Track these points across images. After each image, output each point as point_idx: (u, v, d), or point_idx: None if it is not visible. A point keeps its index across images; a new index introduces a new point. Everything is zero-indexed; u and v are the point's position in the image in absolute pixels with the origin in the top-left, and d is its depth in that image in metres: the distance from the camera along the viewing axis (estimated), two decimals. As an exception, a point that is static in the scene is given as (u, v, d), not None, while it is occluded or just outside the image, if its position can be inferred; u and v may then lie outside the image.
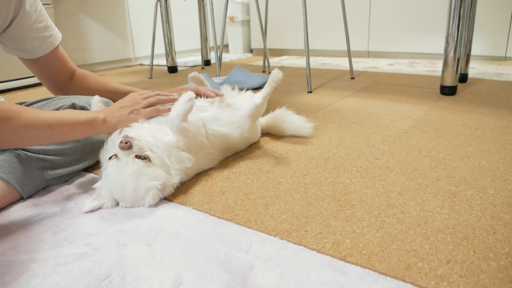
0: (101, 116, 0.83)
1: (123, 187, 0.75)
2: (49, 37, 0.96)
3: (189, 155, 0.84)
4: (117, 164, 0.75)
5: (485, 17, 2.49)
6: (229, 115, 0.99)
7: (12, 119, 0.71)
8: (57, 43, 0.99)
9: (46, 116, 0.76)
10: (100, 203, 0.77)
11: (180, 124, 0.82)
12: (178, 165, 0.81)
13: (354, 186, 0.83)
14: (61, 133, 0.78)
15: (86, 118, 0.81)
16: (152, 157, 0.77)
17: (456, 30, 1.51)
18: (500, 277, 0.53)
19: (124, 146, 0.74)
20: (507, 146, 1.03)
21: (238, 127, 1.00)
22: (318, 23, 3.23)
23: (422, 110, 1.42)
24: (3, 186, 0.79)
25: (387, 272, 0.55)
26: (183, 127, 0.82)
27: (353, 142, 1.10)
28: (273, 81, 1.01)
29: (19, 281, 0.57)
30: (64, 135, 0.80)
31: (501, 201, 0.74)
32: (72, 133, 0.80)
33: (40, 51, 0.96)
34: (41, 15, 0.94)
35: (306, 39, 1.82)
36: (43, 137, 0.77)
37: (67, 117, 0.79)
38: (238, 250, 0.62)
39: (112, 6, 3.01)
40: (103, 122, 0.83)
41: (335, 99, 1.67)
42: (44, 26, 0.95)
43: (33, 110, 0.76)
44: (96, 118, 0.82)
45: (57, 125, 0.77)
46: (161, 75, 2.58)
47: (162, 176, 0.77)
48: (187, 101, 0.82)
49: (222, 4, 3.12)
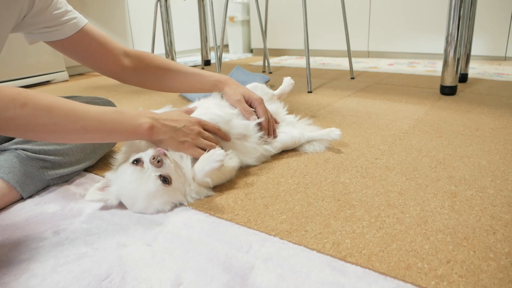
0: (148, 123, 0.76)
1: (135, 200, 0.73)
2: (71, 19, 0.89)
3: (208, 192, 0.81)
4: (138, 174, 0.72)
5: (485, 17, 2.49)
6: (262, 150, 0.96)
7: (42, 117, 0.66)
8: (83, 24, 0.91)
9: (82, 116, 0.69)
10: (104, 198, 0.75)
11: (202, 178, 0.78)
12: (195, 195, 0.79)
13: (354, 186, 0.83)
14: (96, 137, 0.74)
15: (130, 125, 0.75)
16: (174, 181, 0.74)
17: (456, 30, 1.51)
18: (500, 277, 0.53)
19: (155, 163, 0.71)
20: (507, 146, 1.03)
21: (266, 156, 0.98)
22: (318, 23, 3.23)
23: (422, 110, 1.42)
24: (3, 186, 0.79)
25: (387, 272, 0.55)
26: (205, 181, 0.79)
27: (353, 142, 1.10)
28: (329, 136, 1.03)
29: (19, 281, 0.57)
30: (100, 140, 0.76)
31: (501, 201, 0.74)
32: (110, 138, 0.76)
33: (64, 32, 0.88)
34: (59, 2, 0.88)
35: (306, 39, 1.82)
36: (76, 139, 0.74)
37: (107, 120, 0.72)
38: (238, 250, 0.62)
39: (112, 6, 3.01)
40: (150, 131, 0.76)
41: (335, 99, 1.67)
42: (64, 11, 0.88)
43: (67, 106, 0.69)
44: (142, 125, 0.75)
45: (92, 129, 0.71)
46: (161, 75, 2.58)
47: (176, 199, 0.76)
48: (216, 161, 0.76)
49: (222, 4, 3.12)
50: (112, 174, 0.79)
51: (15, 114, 0.63)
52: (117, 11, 3.05)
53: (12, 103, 0.62)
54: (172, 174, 0.74)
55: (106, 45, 0.94)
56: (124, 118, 0.74)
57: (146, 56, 0.99)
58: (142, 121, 0.76)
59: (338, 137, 1.02)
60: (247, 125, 0.94)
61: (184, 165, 0.79)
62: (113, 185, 0.76)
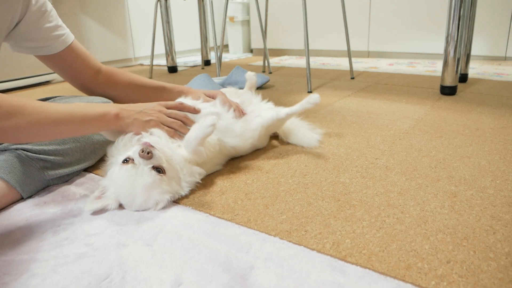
0: (114, 111, 0.80)
1: (133, 196, 0.74)
2: (61, 35, 0.94)
3: (201, 170, 0.83)
4: (132, 171, 0.73)
5: (485, 17, 2.49)
6: (242, 126, 0.97)
7: (14, 116, 0.67)
8: (70, 41, 0.97)
9: (52, 111, 0.72)
10: (104, 204, 0.76)
11: (196, 147, 0.80)
12: (189, 178, 0.81)
13: (354, 186, 0.83)
14: (69, 129, 0.76)
15: (97, 113, 0.78)
16: (167, 170, 0.75)
17: (456, 30, 1.51)
18: (500, 277, 0.53)
19: (145, 156, 0.72)
20: (507, 146, 1.03)
21: (250, 137, 0.99)
22: (318, 23, 3.23)
23: (422, 110, 1.42)
24: (3, 186, 0.79)
25: (387, 272, 0.55)
26: (199, 150, 0.81)
27: (353, 142, 1.10)
28: (309, 103, 1.00)
29: (19, 281, 0.57)
30: (72, 132, 0.78)
31: (501, 201, 0.74)
32: (81, 129, 0.78)
33: (53, 48, 0.94)
34: (51, 15, 0.93)
35: (306, 39, 1.82)
36: (50, 134, 0.75)
37: (76, 112, 0.75)
38: (238, 250, 0.62)
39: (112, 6, 3.01)
40: (116, 117, 0.80)
41: (335, 99, 1.67)
42: (55, 26, 0.93)
43: (39, 105, 0.72)
44: (108, 113, 0.79)
45: (64, 121, 0.74)
46: (161, 75, 2.58)
47: (173, 189, 0.77)
48: (208, 126, 0.78)
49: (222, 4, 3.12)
50: (105, 180, 0.79)
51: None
52: (117, 11, 3.05)
53: None
54: (164, 163, 0.75)
55: (86, 62, 1.01)
56: (92, 108, 0.78)
57: (116, 73, 1.06)
58: (108, 109, 0.80)
59: (318, 99, 1.01)
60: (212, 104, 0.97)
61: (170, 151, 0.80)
62: (110, 189, 0.76)
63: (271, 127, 1.04)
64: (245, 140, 0.98)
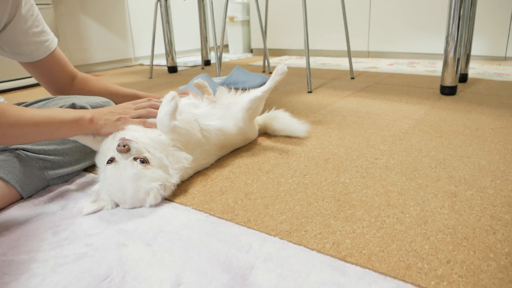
0: (88, 116, 0.83)
1: (123, 190, 0.75)
2: (45, 41, 0.96)
3: (187, 155, 0.84)
4: (116, 167, 0.74)
5: (485, 17, 2.49)
6: (223, 110, 1.00)
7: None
8: (54, 47, 0.99)
9: (32, 115, 0.75)
10: (100, 206, 0.77)
11: (169, 123, 0.81)
12: (176, 164, 0.81)
13: (354, 186, 0.83)
14: (47, 132, 0.78)
15: (73, 117, 0.81)
16: (150, 159, 0.77)
17: (456, 30, 1.51)
18: (500, 277, 0.53)
19: (122, 149, 0.74)
20: (507, 146, 1.03)
21: (233, 118, 1.01)
22: (318, 23, 3.23)
23: (422, 110, 1.42)
24: (3, 186, 0.79)
25: (387, 272, 0.55)
26: (173, 125, 0.82)
27: (353, 142, 1.10)
28: (277, 74, 1.02)
29: (19, 281, 0.57)
30: (50, 134, 0.79)
31: (501, 201, 0.74)
32: (59, 132, 0.80)
33: (37, 55, 0.96)
34: (37, 19, 0.94)
35: (306, 39, 1.82)
36: (29, 135, 0.77)
37: (54, 115, 0.78)
38: (238, 250, 0.62)
39: (112, 6, 3.01)
40: (90, 121, 0.83)
41: (335, 99, 1.67)
42: (41, 31, 0.95)
43: (20, 108, 0.75)
44: (83, 117, 0.82)
45: (43, 124, 0.76)
46: (161, 75, 2.58)
47: (161, 176, 0.77)
48: (170, 99, 0.82)
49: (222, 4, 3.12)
50: (97, 185, 0.80)
51: None
52: (117, 11, 3.05)
53: None
54: (144, 153, 0.76)
55: (64, 69, 1.04)
56: (68, 113, 0.81)
57: (90, 80, 1.09)
58: (83, 114, 0.83)
59: (284, 68, 1.03)
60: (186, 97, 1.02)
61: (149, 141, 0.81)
62: (102, 191, 0.78)
63: (252, 109, 1.04)
64: (229, 121, 0.99)
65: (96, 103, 0.97)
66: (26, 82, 2.29)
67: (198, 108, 0.98)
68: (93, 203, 0.78)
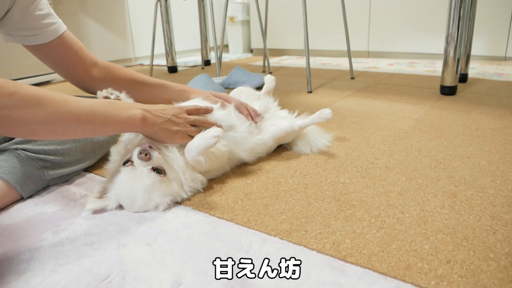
0: (139, 114, 0.75)
1: (133, 198, 0.74)
2: (52, 24, 0.90)
3: (203, 178, 0.83)
4: (131, 172, 0.73)
5: (485, 17, 2.49)
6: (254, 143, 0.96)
7: (31, 106, 0.62)
8: (63, 31, 0.91)
9: (74, 106, 0.67)
10: (104, 204, 0.76)
11: (195, 156, 0.78)
12: (191, 183, 0.80)
13: (354, 186, 0.83)
14: (90, 129, 0.71)
15: (123, 116, 0.73)
16: (168, 171, 0.76)
17: (456, 30, 1.51)
18: (500, 277, 0.53)
19: (143, 157, 0.73)
20: (507, 146, 1.03)
21: (260, 152, 0.98)
22: (318, 23, 3.23)
23: (422, 110, 1.42)
24: (3, 186, 0.79)
25: (387, 272, 0.55)
26: (198, 160, 0.78)
27: (353, 142, 1.10)
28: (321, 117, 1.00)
29: (19, 281, 0.57)
30: (94, 132, 0.73)
31: (501, 201, 0.74)
32: (104, 130, 0.73)
33: (43, 37, 0.89)
34: (41, 3, 0.88)
35: (306, 39, 1.82)
36: (70, 132, 0.70)
37: (100, 111, 0.70)
38: (238, 250, 0.62)
39: (112, 6, 3.01)
40: (142, 122, 0.75)
41: (335, 99, 1.67)
42: (46, 14, 0.89)
43: (59, 97, 0.66)
44: (134, 116, 0.74)
45: (86, 120, 0.68)
46: (161, 75, 2.58)
47: (174, 191, 0.77)
48: (212, 137, 0.76)
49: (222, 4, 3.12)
50: (107, 181, 0.80)
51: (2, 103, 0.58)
52: (117, 11, 3.05)
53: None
54: (164, 164, 0.75)
55: (80, 54, 0.95)
56: (116, 109, 0.73)
57: (114, 68, 1.00)
58: (134, 112, 0.75)
59: (329, 115, 1.00)
60: (228, 113, 0.94)
61: (172, 155, 0.79)
62: (111, 190, 0.77)
63: (282, 139, 1.02)
64: (255, 154, 0.97)
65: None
66: (26, 82, 2.29)
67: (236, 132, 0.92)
68: (97, 200, 0.76)
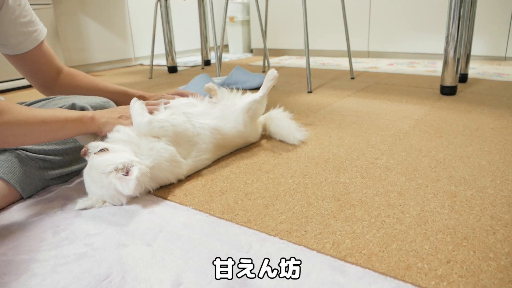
0: (89, 114, 0.84)
1: (90, 183, 0.78)
2: (33, 32, 0.93)
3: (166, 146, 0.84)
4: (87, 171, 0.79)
5: (485, 17, 2.49)
6: (220, 109, 1.00)
7: (3, 113, 0.70)
8: (42, 38, 0.96)
9: (38, 112, 0.77)
10: (91, 203, 0.79)
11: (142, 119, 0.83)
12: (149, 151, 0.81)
13: (354, 186, 0.83)
14: (53, 129, 0.79)
15: (76, 115, 0.82)
16: (111, 147, 0.79)
17: (456, 30, 1.51)
18: (500, 277, 0.53)
19: (82, 152, 0.80)
20: (507, 146, 1.03)
21: (231, 120, 1.00)
22: (318, 23, 3.23)
23: (422, 110, 1.42)
24: (3, 186, 0.79)
25: (387, 272, 0.55)
26: (148, 120, 0.83)
27: (353, 142, 1.10)
28: (269, 80, 1.04)
29: (19, 281, 0.57)
30: (56, 132, 0.80)
31: (501, 201, 0.74)
32: (64, 130, 0.81)
33: (24, 47, 0.92)
34: (25, 9, 0.90)
35: (306, 39, 1.82)
36: (36, 133, 0.77)
37: (58, 114, 0.80)
38: (238, 250, 0.62)
39: (112, 6, 3.01)
40: (92, 119, 0.84)
41: (335, 99, 1.67)
42: (29, 21, 0.91)
43: (24, 107, 0.76)
44: (85, 115, 0.83)
45: (49, 121, 0.77)
46: (161, 75, 2.58)
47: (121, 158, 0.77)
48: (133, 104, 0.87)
49: (222, 4, 3.12)
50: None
51: None
52: (117, 11, 3.05)
53: None
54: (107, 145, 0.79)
55: (50, 62, 1.01)
56: (71, 112, 0.83)
57: (77, 74, 1.07)
58: (84, 113, 0.84)
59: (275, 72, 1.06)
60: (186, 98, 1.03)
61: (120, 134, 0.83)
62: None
63: (252, 111, 1.03)
64: (227, 122, 0.99)
65: (96, 103, 0.97)
66: (26, 82, 2.28)
67: (195, 107, 0.98)
68: (85, 200, 0.79)
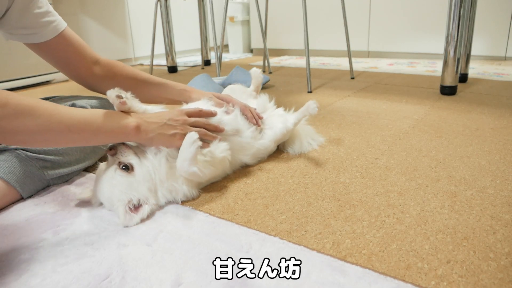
0: (133, 123, 0.74)
1: (101, 190, 0.75)
2: (52, 22, 0.90)
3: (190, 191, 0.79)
4: (104, 167, 0.77)
5: (485, 17, 2.49)
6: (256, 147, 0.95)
7: (22, 116, 0.62)
8: (62, 29, 0.91)
9: (65, 116, 0.67)
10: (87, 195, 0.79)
11: (189, 168, 0.74)
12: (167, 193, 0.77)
13: (354, 186, 0.83)
14: (82, 138, 0.71)
15: (116, 125, 0.73)
16: (137, 170, 0.74)
17: (456, 30, 1.51)
18: (500, 277, 0.53)
19: (109, 152, 0.76)
20: (507, 146, 1.03)
21: (261, 155, 0.98)
22: (318, 23, 3.23)
23: (422, 110, 1.42)
24: (3, 186, 0.79)
25: (387, 272, 0.55)
26: (192, 171, 0.74)
27: (353, 142, 1.10)
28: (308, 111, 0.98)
29: (19, 281, 0.57)
30: (86, 141, 0.73)
31: (501, 201, 0.74)
32: (96, 139, 0.73)
33: (43, 36, 0.89)
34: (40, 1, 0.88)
35: (306, 39, 1.82)
36: (59, 141, 0.71)
37: (91, 120, 0.70)
38: (238, 250, 0.62)
39: (112, 6, 3.01)
40: (136, 130, 0.74)
41: (335, 99, 1.67)
42: (46, 11, 0.89)
43: (51, 107, 0.67)
44: (127, 125, 0.73)
45: (77, 129, 0.68)
46: (161, 75, 2.58)
47: (141, 192, 0.74)
48: (190, 144, 0.73)
49: (222, 4, 3.11)
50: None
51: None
52: (117, 11, 3.05)
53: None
54: (134, 162, 0.75)
55: (80, 52, 0.94)
56: (109, 118, 0.73)
57: (115, 65, 0.99)
58: (128, 121, 0.74)
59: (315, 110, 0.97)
60: (234, 117, 0.92)
61: (156, 161, 0.77)
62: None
63: (280, 140, 1.01)
64: (256, 158, 0.97)
65: (96, 103, 0.96)
66: (26, 82, 2.29)
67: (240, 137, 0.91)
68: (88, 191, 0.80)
